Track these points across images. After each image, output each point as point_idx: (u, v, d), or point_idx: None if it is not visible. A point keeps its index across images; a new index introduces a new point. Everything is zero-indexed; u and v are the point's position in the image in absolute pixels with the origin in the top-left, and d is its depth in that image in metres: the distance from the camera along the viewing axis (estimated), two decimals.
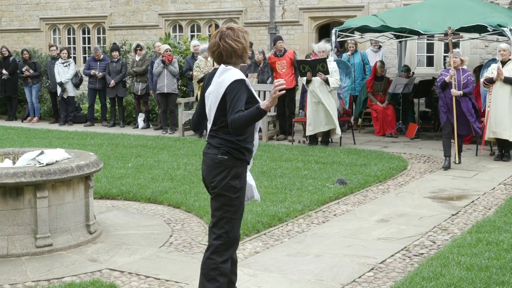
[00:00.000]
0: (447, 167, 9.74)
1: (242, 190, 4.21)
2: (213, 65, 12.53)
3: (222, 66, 4.15)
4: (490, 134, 10.47)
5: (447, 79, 9.81)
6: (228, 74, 4.10)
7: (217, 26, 8.26)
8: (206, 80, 4.30)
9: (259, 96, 13.51)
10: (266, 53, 14.69)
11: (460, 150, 10.22)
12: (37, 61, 16.99)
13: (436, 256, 5.44)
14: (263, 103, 3.94)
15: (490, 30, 11.37)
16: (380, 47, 14.91)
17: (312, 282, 5.04)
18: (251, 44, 14.39)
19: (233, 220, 4.20)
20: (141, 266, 5.39)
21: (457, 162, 10.03)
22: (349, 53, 14.33)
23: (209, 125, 4.21)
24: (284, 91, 3.88)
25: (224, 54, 4.15)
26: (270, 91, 11.77)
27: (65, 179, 5.72)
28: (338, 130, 11.70)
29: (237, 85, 4.04)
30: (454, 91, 9.77)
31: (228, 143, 4.12)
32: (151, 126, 15.21)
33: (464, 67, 10.04)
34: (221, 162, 4.12)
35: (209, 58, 12.66)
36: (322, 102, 11.49)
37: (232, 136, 4.12)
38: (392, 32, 13.25)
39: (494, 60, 11.30)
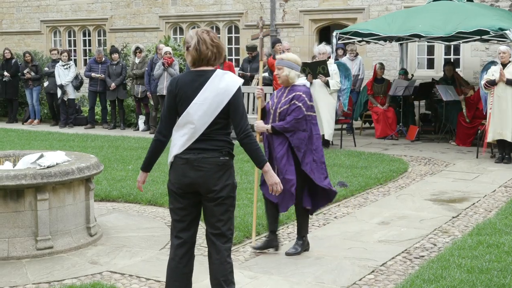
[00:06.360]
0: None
1: None
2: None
3: (219, 70, 4.13)
4: (495, 135, 10.47)
5: (258, 103, 5.92)
6: (230, 79, 4.10)
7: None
8: (180, 84, 4.12)
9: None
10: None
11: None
12: (39, 64, 17.00)
13: (436, 258, 5.44)
14: (268, 170, 4.16)
15: (492, 33, 11.38)
16: (357, 54, 14.67)
17: (313, 285, 5.04)
18: (255, 47, 14.39)
19: (233, 218, 4.23)
20: (142, 268, 5.39)
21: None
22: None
23: (196, 130, 4.08)
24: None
25: (200, 56, 4.08)
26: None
27: (66, 182, 5.72)
28: (329, 136, 11.71)
29: (240, 92, 4.12)
30: (258, 125, 5.73)
31: (227, 143, 4.13)
32: (151, 128, 15.21)
33: (302, 81, 5.90)
34: (224, 164, 4.09)
35: None
36: (322, 105, 11.49)
37: (227, 136, 4.15)
38: (393, 34, 13.25)
39: (493, 63, 11.26)
